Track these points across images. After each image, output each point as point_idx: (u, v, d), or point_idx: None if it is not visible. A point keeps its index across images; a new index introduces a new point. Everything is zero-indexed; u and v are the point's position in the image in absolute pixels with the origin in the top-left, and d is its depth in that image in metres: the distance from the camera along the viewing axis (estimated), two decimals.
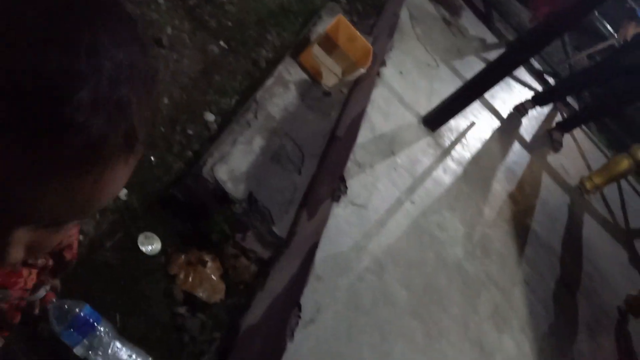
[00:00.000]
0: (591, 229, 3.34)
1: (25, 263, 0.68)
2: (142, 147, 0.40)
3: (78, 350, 1.27)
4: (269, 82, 2.42)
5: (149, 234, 1.66)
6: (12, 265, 0.41)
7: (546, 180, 3.37)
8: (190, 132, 2.09)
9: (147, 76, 0.38)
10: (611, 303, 2.80)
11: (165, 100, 2.10)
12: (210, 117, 2.21)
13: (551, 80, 4.94)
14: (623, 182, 4.47)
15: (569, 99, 4.94)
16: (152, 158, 1.89)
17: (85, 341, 1.29)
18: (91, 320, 1.31)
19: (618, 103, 3.77)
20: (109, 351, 1.31)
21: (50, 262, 0.73)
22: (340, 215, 1.76)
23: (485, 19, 4.81)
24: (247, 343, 1.54)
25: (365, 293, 1.58)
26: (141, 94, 0.37)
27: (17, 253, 0.40)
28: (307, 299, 1.43)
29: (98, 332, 1.32)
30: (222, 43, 2.60)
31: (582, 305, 2.55)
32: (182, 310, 1.56)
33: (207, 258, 1.72)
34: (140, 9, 2.33)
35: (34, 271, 0.70)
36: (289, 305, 1.46)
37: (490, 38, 4.66)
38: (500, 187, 2.79)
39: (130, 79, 0.36)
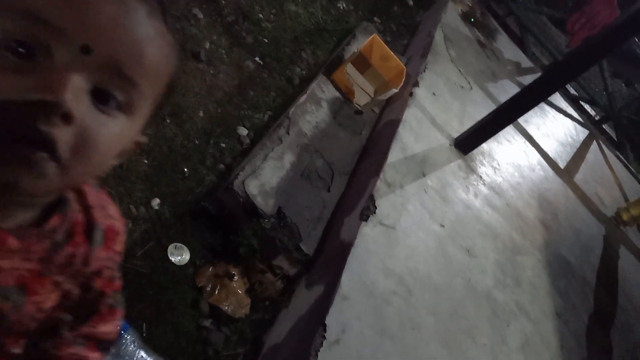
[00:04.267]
0: (627, 262, 3.21)
1: (46, 272, 0.55)
2: (170, 36, 0.48)
3: None
4: (302, 99, 2.44)
5: (179, 244, 1.68)
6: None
7: (580, 209, 3.28)
8: (223, 145, 2.12)
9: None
10: None
11: (201, 114, 2.14)
12: (243, 131, 2.24)
13: (587, 107, 4.83)
14: None
15: (605, 127, 4.84)
16: (186, 169, 1.92)
17: (111, 349, 1.30)
18: None
19: None
20: None
21: (76, 292, 0.60)
22: (369, 235, 1.74)
23: (520, 42, 4.76)
24: None
25: (392, 316, 1.56)
26: None
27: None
28: (333, 319, 1.42)
29: (124, 341, 1.33)
30: (257, 59, 2.64)
31: (615, 341, 2.44)
32: (207, 323, 1.57)
33: (234, 271, 1.72)
34: (180, 23, 2.39)
35: (57, 292, 0.57)
36: (314, 324, 1.44)
37: (525, 62, 4.60)
38: (533, 214, 2.72)
39: None
